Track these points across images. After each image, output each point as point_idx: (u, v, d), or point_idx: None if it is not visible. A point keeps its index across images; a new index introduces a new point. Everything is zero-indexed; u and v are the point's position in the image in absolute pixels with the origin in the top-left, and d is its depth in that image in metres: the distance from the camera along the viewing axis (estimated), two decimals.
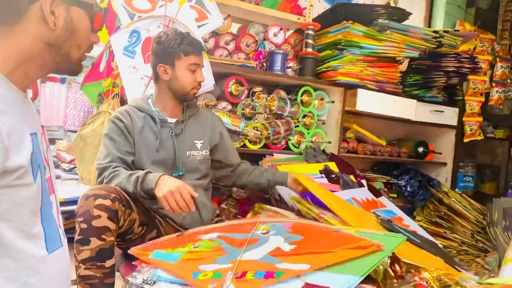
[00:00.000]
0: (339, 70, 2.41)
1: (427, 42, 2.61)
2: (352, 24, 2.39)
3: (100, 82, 2.46)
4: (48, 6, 0.82)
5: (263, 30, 2.47)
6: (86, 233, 1.34)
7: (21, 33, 0.82)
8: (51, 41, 0.85)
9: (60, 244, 0.93)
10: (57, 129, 12.12)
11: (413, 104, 2.66)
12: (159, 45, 1.70)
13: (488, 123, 3.75)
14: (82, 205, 1.37)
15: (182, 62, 1.68)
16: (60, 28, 0.85)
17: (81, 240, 1.34)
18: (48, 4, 0.82)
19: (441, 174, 3.05)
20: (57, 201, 0.95)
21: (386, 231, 1.50)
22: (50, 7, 0.82)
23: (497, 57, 3.44)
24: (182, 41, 1.68)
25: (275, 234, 1.28)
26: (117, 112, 1.71)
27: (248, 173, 1.92)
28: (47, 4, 0.82)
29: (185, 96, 1.74)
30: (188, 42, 1.69)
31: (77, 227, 1.36)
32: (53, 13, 0.83)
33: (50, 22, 0.83)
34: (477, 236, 2.31)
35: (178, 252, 1.19)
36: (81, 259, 1.34)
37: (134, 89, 2.02)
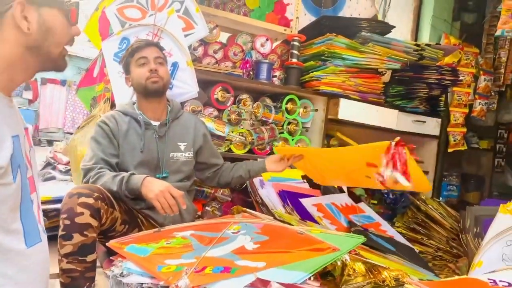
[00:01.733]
0: (322, 80, 2.51)
1: (408, 54, 2.71)
2: (335, 36, 2.49)
3: (93, 87, 2.56)
4: (19, 13, 0.87)
5: (251, 40, 2.57)
6: (69, 229, 1.42)
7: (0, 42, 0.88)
8: (30, 44, 0.90)
9: (39, 240, 1.00)
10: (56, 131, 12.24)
11: (394, 114, 2.75)
12: (120, 63, 1.90)
13: (474, 134, 3.85)
14: (66, 203, 1.46)
15: (132, 64, 1.82)
16: (35, 31, 0.90)
17: (64, 235, 1.43)
18: (19, 11, 0.87)
19: None
20: (39, 199, 1.02)
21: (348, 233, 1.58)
22: (20, 13, 0.88)
23: (481, 70, 3.55)
24: (128, 49, 1.84)
25: (244, 234, 1.37)
26: (104, 117, 1.81)
27: (229, 170, 2.01)
28: (18, 11, 0.87)
29: (145, 89, 1.79)
30: (132, 45, 1.83)
31: (61, 223, 1.44)
32: (25, 18, 0.89)
33: (23, 27, 0.88)
34: (451, 243, 2.40)
35: (150, 247, 1.28)
36: (64, 253, 1.43)
37: (122, 94, 2.12)
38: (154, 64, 1.79)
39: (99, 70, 2.54)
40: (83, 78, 2.66)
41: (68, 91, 11.67)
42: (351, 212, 2.39)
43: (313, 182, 2.43)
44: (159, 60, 1.82)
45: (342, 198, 2.47)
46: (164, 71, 1.83)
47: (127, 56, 1.84)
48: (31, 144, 1.05)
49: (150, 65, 1.79)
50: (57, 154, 5.39)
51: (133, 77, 1.83)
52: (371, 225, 2.38)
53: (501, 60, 3.56)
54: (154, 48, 1.84)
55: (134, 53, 1.81)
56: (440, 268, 2.24)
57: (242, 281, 1.04)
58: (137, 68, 1.81)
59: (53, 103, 11.86)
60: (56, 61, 0.97)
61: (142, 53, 1.81)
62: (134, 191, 1.57)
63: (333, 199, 2.40)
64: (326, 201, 2.35)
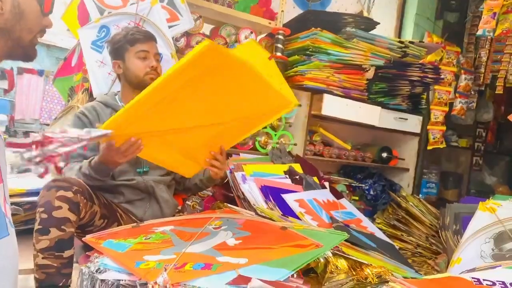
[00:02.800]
0: (306, 75, 2.49)
1: (392, 51, 2.71)
2: (320, 31, 2.47)
3: (71, 77, 2.48)
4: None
5: (235, 32, 2.53)
6: (46, 223, 1.37)
7: None
8: (0, 25, 0.87)
9: (6, 233, 0.95)
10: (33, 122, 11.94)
11: (377, 110, 2.75)
12: (110, 44, 1.78)
13: (453, 132, 3.90)
14: (44, 196, 1.41)
15: (130, 53, 1.73)
16: (7, 11, 0.86)
17: (40, 229, 1.37)
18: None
19: (404, 179, 3.16)
20: (6, 191, 0.97)
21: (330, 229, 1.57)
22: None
23: (462, 69, 3.59)
24: (127, 34, 1.74)
25: (226, 230, 1.34)
26: (83, 108, 1.74)
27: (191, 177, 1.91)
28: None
29: (141, 83, 1.72)
30: (132, 33, 1.74)
31: (37, 216, 1.39)
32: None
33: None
34: (431, 239, 2.42)
35: (128, 243, 1.24)
36: (40, 248, 1.37)
37: (100, 84, 2.06)
38: (155, 61, 1.75)
39: (77, 60, 2.45)
40: (60, 68, 2.58)
41: (46, 81, 11.37)
42: (333, 208, 2.39)
43: (295, 178, 2.41)
44: (158, 57, 1.79)
45: (324, 194, 2.46)
46: (161, 69, 1.79)
47: (126, 42, 1.74)
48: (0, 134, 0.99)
49: (152, 61, 1.73)
50: None
51: (128, 66, 1.75)
52: (352, 221, 2.38)
53: (481, 59, 3.61)
54: (154, 43, 1.80)
55: (135, 43, 1.73)
56: (419, 264, 2.25)
57: (223, 278, 1.01)
58: (136, 59, 1.74)
59: (29, 93, 11.53)
60: (26, 49, 0.93)
61: (144, 46, 1.74)
62: (105, 173, 1.53)
63: (315, 195, 2.38)
64: (308, 197, 2.33)
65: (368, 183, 3.01)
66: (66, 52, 2.93)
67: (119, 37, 1.76)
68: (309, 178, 2.48)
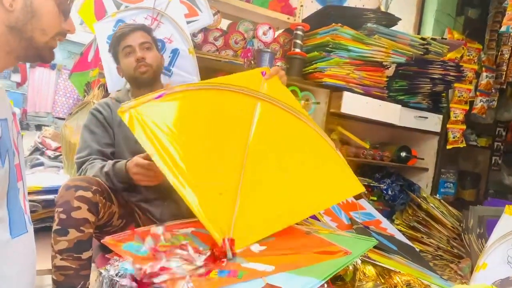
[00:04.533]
0: (325, 72, 2.43)
1: (414, 48, 2.64)
2: (341, 26, 2.41)
3: (87, 72, 2.45)
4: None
5: (253, 28, 2.47)
6: (64, 224, 1.33)
7: None
8: (11, 23, 0.84)
9: (25, 230, 0.93)
10: (45, 115, 12.02)
11: (397, 109, 2.69)
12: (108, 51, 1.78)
13: (472, 131, 3.81)
14: (63, 195, 1.37)
15: (120, 53, 1.70)
16: (18, 9, 0.83)
17: (59, 230, 1.34)
18: None
19: (423, 179, 3.09)
20: (25, 188, 0.95)
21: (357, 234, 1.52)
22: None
23: (483, 66, 3.49)
24: (113, 37, 1.72)
25: None
26: (97, 104, 1.71)
27: None
28: None
29: (136, 80, 1.70)
30: (115, 32, 1.71)
31: (56, 217, 1.35)
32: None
33: (5, 2, 0.82)
34: (452, 242, 2.35)
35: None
36: (58, 249, 1.33)
37: (115, 79, 2.01)
38: (140, 51, 1.67)
39: (94, 55, 2.42)
40: (77, 63, 2.55)
41: (58, 75, 11.43)
42: (352, 209, 2.34)
43: None
44: (146, 45, 1.69)
45: None
46: (153, 56, 1.70)
47: (114, 44, 1.72)
48: (19, 130, 0.97)
49: (136, 53, 1.66)
50: (45, 139, 5.26)
51: (122, 68, 1.73)
52: (371, 222, 2.33)
53: (503, 57, 3.51)
54: (139, 32, 1.71)
55: (120, 41, 1.70)
56: (441, 268, 2.19)
57: (251, 286, 0.96)
58: (124, 58, 1.70)
59: (42, 86, 11.62)
60: (40, 51, 0.90)
61: (126, 41, 1.69)
62: (125, 179, 1.49)
63: None
64: None
65: (386, 182, 2.95)
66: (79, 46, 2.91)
67: (111, 42, 1.74)
68: None
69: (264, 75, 1.44)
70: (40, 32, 0.87)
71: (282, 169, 1.27)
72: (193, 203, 1.14)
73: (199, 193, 1.14)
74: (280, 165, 1.27)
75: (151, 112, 1.25)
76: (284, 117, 1.35)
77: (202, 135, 1.26)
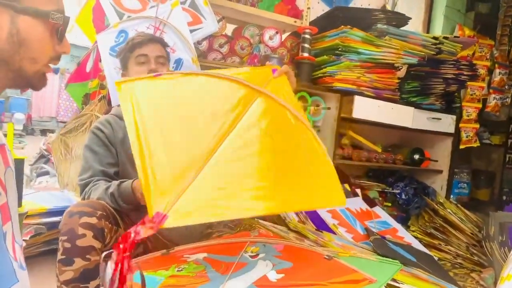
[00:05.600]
0: (336, 76, 2.34)
1: (426, 48, 2.54)
2: (350, 29, 2.32)
3: (86, 83, 2.37)
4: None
5: (259, 32, 2.39)
6: (69, 253, 1.26)
7: None
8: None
9: (15, 280, 0.84)
10: (49, 119, 12.02)
11: (410, 111, 2.60)
12: (118, 57, 1.69)
13: (485, 129, 3.71)
14: (66, 223, 1.30)
15: (131, 60, 1.62)
16: (3, 40, 0.74)
17: (64, 260, 1.27)
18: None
19: (437, 181, 3.00)
20: (15, 229, 0.85)
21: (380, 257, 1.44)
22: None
23: (496, 63, 3.39)
24: (128, 41, 1.64)
25: (264, 258, 1.22)
26: (98, 123, 1.63)
27: None
28: None
29: None
30: (132, 38, 1.63)
31: (60, 245, 1.28)
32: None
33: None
34: (472, 249, 2.26)
35: (160, 276, 1.13)
36: (64, 280, 1.26)
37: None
38: (155, 64, 1.60)
39: (93, 65, 2.35)
40: (74, 73, 2.46)
41: (61, 79, 11.42)
42: (367, 218, 2.26)
43: None
44: (161, 60, 1.63)
45: (357, 203, 2.33)
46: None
47: (126, 50, 1.64)
48: (8, 163, 0.87)
49: (150, 64, 1.60)
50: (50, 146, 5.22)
51: (130, 75, 1.64)
52: (387, 231, 2.25)
53: None
54: (157, 45, 1.65)
55: (135, 49, 1.61)
56: (462, 278, 2.11)
57: None
58: (135, 66, 1.61)
59: (45, 91, 11.60)
60: (30, 80, 0.80)
61: (143, 50, 1.61)
62: (131, 200, 1.41)
63: (348, 204, 2.25)
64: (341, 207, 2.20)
65: (399, 186, 2.86)
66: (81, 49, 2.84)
67: (122, 47, 1.67)
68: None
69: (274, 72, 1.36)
70: (30, 62, 0.78)
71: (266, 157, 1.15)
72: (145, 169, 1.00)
73: None
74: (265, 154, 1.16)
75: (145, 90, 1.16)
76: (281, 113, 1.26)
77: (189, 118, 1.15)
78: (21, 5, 0.75)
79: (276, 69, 1.33)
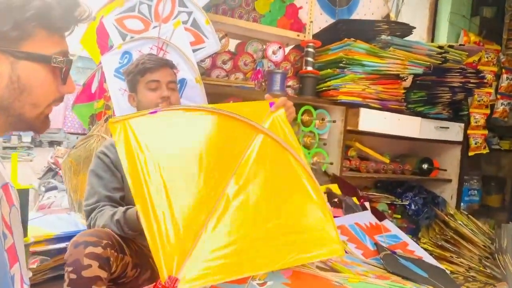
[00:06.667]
0: (340, 89, 2.32)
1: (431, 58, 2.52)
2: (354, 41, 2.30)
3: (92, 104, 2.38)
4: None
5: (262, 48, 2.38)
6: (75, 285, 1.26)
7: None
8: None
9: None
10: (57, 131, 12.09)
11: (417, 122, 2.57)
12: (124, 76, 1.69)
13: (494, 134, 3.67)
14: (72, 254, 1.29)
15: (141, 84, 1.62)
16: (2, 87, 0.73)
17: None
18: None
19: (446, 191, 2.97)
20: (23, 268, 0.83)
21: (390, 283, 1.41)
22: None
23: (503, 68, 3.35)
24: (137, 64, 1.63)
25: (272, 287, 1.20)
26: (103, 147, 1.63)
27: None
28: None
29: None
30: (143, 62, 1.62)
31: (66, 277, 1.28)
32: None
33: None
34: (485, 262, 2.22)
35: None
36: None
37: (125, 113, 1.93)
38: (167, 90, 1.61)
39: (98, 85, 2.35)
40: (79, 94, 2.47)
41: None
42: (376, 232, 2.22)
43: (334, 201, 2.26)
44: (172, 86, 1.63)
45: (366, 217, 2.30)
46: (176, 97, 1.65)
47: (136, 73, 1.63)
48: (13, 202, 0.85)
49: (163, 91, 1.60)
50: (58, 160, 5.24)
51: (140, 99, 1.64)
52: (398, 245, 2.21)
53: None
54: (168, 70, 1.66)
55: (145, 73, 1.61)
56: None
57: None
58: (147, 91, 1.62)
59: None
60: (32, 124, 0.78)
61: (154, 75, 1.61)
62: (136, 227, 1.40)
63: (356, 219, 2.22)
64: (349, 222, 2.17)
65: (408, 197, 2.83)
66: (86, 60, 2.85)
67: (131, 68, 1.66)
68: (348, 199, 2.33)
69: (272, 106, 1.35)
70: (31, 107, 0.76)
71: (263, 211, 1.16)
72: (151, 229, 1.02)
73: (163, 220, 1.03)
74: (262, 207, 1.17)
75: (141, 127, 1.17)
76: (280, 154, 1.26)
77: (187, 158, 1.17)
78: (22, 51, 0.73)
79: (274, 103, 1.32)
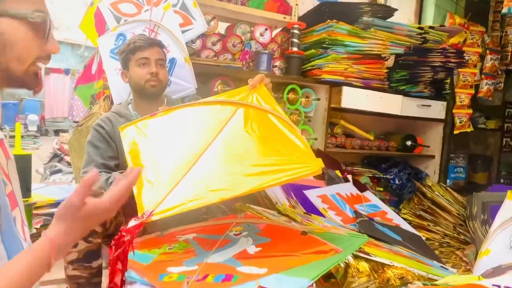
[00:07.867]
0: (324, 69, 2.46)
1: (412, 38, 2.65)
2: (336, 23, 2.44)
3: (92, 84, 2.54)
4: None
5: (250, 30, 2.52)
6: None
7: None
8: None
9: None
10: (62, 120, 12.27)
11: (399, 99, 2.71)
12: (118, 55, 1.85)
13: (480, 114, 3.79)
14: None
15: (132, 61, 1.78)
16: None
17: None
18: None
19: (430, 167, 3.11)
20: (22, 213, 0.94)
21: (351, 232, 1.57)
22: None
23: (487, 49, 3.46)
24: (129, 43, 1.78)
25: (246, 236, 1.36)
26: (99, 120, 1.79)
27: None
28: None
29: (143, 91, 1.78)
30: (134, 41, 1.78)
31: None
32: None
33: None
34: (458, 229, 2.38)
35: (153, 253, 1.28)
36: (69, 260, 1.43)
37: (120, 92, 2.09)
38: (155, 66, 1.76)
39: (97, 67, 2.51)
40: (81, 75, 2.64)
41: (72, 79, 11.65)
42: (357, 202, 2.38)
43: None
44: (160, 62, 1.79)
45: (347, 188, 2.45)
46: (164, 74, 1.81)
47: (128, 52, 1.79)
48: (9, 156, 0.94)
49: (151, 67, 1.75)
50: (63, 145, 5.42)
51: (131, 75, 1.80)
52: (377, 214, 2.37)
53: (508, 38, 3.47)
54: (157, 48, 1.81)
55: (136, 51, 1.77)
56: (447, 256, 2.23)
57: None
58: (137, 67, 1.78)
59: (57, 92, 11.90)
60: (22, 80, 0.85)
61: (144, 53, 1.77)
62: None
63: (338, 189, 2.38)
64: (331, 192, 2.33)
65: (393, 172, 2.97)
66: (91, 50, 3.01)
67: (123, 48, 1.81)
68: (331, 172, 2.48)
69: None
70: (17, 61, 0.83)
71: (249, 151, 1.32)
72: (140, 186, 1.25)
73: None
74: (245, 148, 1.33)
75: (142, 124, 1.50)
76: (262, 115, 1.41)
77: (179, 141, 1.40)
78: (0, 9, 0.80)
79: None
